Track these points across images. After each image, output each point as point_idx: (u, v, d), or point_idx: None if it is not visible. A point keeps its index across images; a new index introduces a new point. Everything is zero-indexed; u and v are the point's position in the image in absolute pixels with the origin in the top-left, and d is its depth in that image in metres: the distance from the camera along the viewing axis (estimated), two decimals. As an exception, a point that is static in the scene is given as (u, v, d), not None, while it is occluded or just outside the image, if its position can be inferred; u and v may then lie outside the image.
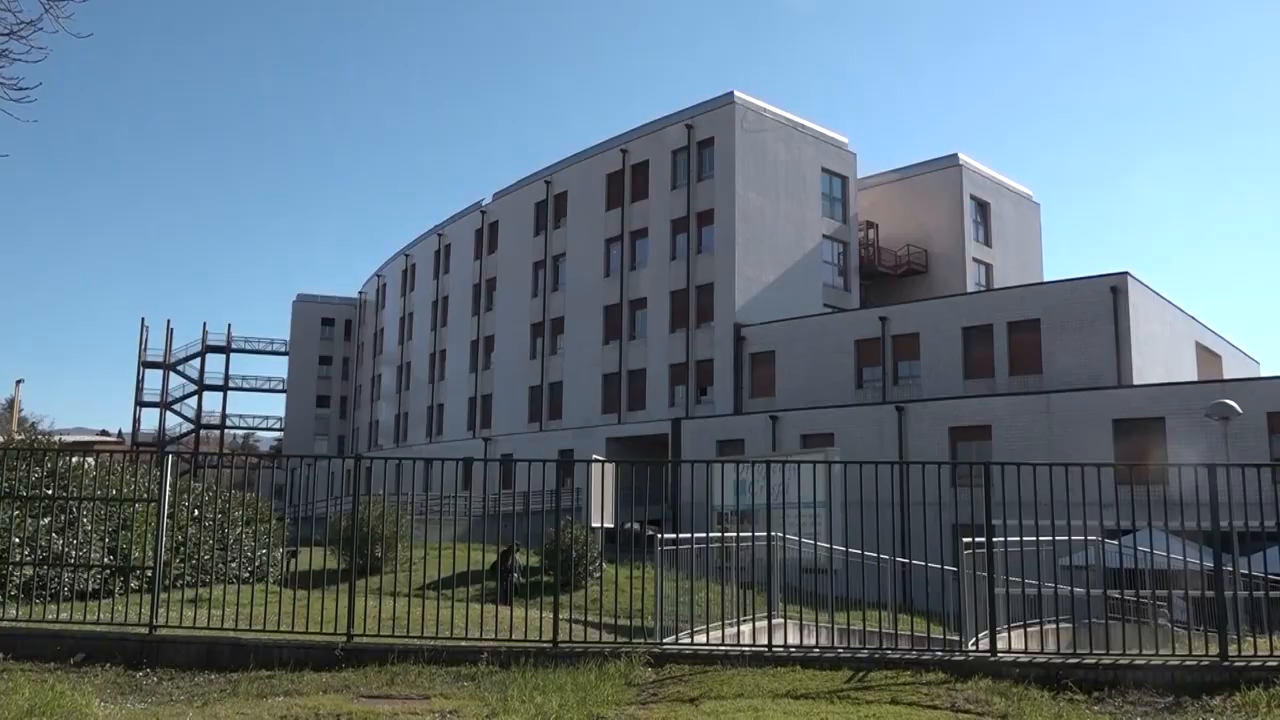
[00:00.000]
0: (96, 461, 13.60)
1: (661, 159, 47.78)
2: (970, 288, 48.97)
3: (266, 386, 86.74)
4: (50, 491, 11.93)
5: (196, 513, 14.30)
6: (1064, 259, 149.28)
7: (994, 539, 9.68)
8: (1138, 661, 9.15)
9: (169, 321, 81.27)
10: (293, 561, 16.81)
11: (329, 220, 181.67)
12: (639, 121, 54.09)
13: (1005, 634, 11.30)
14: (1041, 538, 10.05)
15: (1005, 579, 10.95)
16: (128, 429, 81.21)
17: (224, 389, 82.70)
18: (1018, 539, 10.14)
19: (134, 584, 12.82)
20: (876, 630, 14.03)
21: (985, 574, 9.82)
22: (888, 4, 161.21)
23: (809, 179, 47.11)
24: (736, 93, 45.26)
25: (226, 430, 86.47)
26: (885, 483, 10.15)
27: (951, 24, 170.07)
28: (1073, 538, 10.31)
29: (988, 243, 52.26)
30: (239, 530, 15.38)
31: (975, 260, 51.15)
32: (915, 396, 36.68)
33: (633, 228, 48.73)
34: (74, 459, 12.99)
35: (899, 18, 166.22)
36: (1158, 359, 35.74)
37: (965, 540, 10.53)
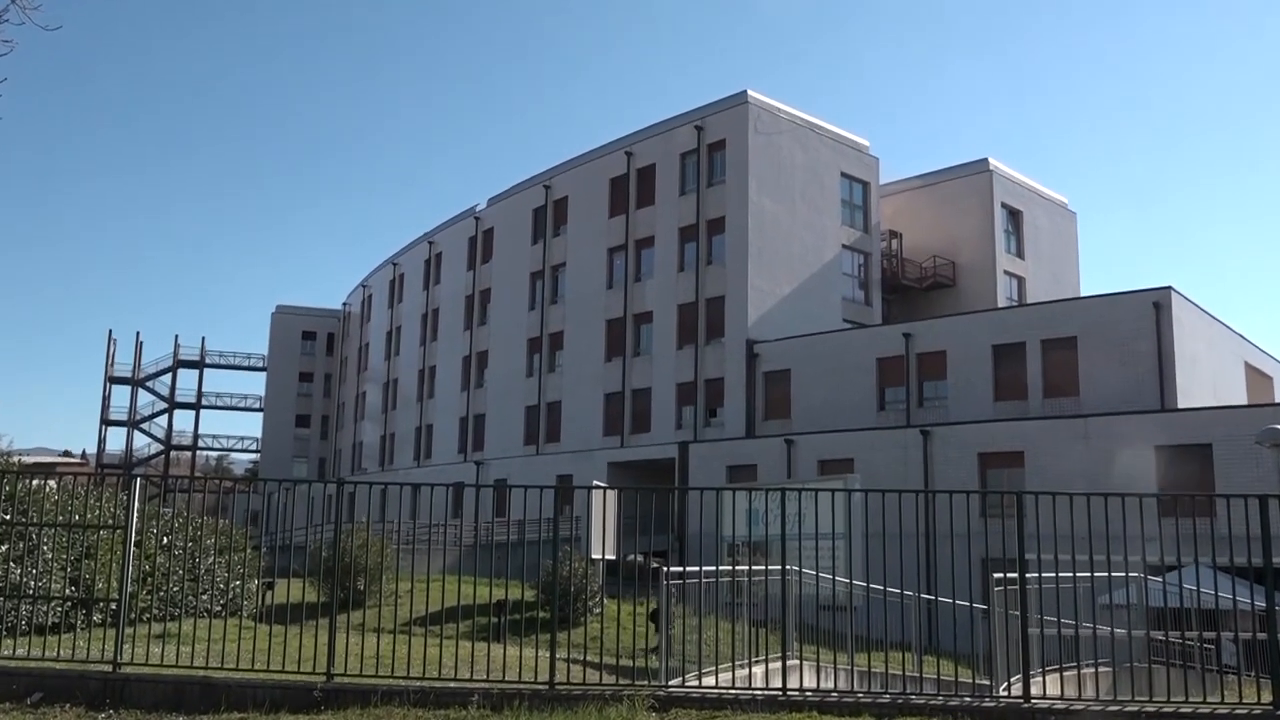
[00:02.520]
0: (59, 485, 13.59)
1: (669, 162, 47.91)
2: (1001, 302, 48.95)
3: (242, 405, 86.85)
4: (8, 517, 11.92)
5: (165, 541, 14.29)
6: (1102, 272, 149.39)
7: (1027, 574, 9.63)
8: (1183, 709, 9.08)
9: (138, 334, 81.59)
10: (269, 594, 16.78)
11: (311, 227, 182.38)
12: (645, 123, 54.24)
13: (1039, 679, 11.22)
14: (1079, 574, 10.00)
15: (1040, 618, 10.89)
16: (92, 449, 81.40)
17: (196, 407, 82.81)
18: (1053, 575, 10.08)
19: (97, 617, 12.79)
20: (900, 673, 13.95)
21: (1018, 613, 9.77)
22: (910, 1, 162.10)
23: (827, 185, 47.20)
24: (750, 92, 45.44)
25: (199, 451, 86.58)
26: (910, 513, 10.11)
27: (980, 22, 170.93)
28: (1113, 574, 10.25)
29: (1020, 254, 52.26)
30: (211, 560, 15.36)
31: (1007, 273, 51.14)
32: (942, 419, 36.58)
33: (638, 236, 48.82)
34: (34, 482, 12.99)
35: (922, 16, 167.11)
36: (1204, 380, 35.64)
37: (996, 576, 10.47)
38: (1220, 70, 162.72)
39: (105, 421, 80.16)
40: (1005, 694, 10.18)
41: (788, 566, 10.82)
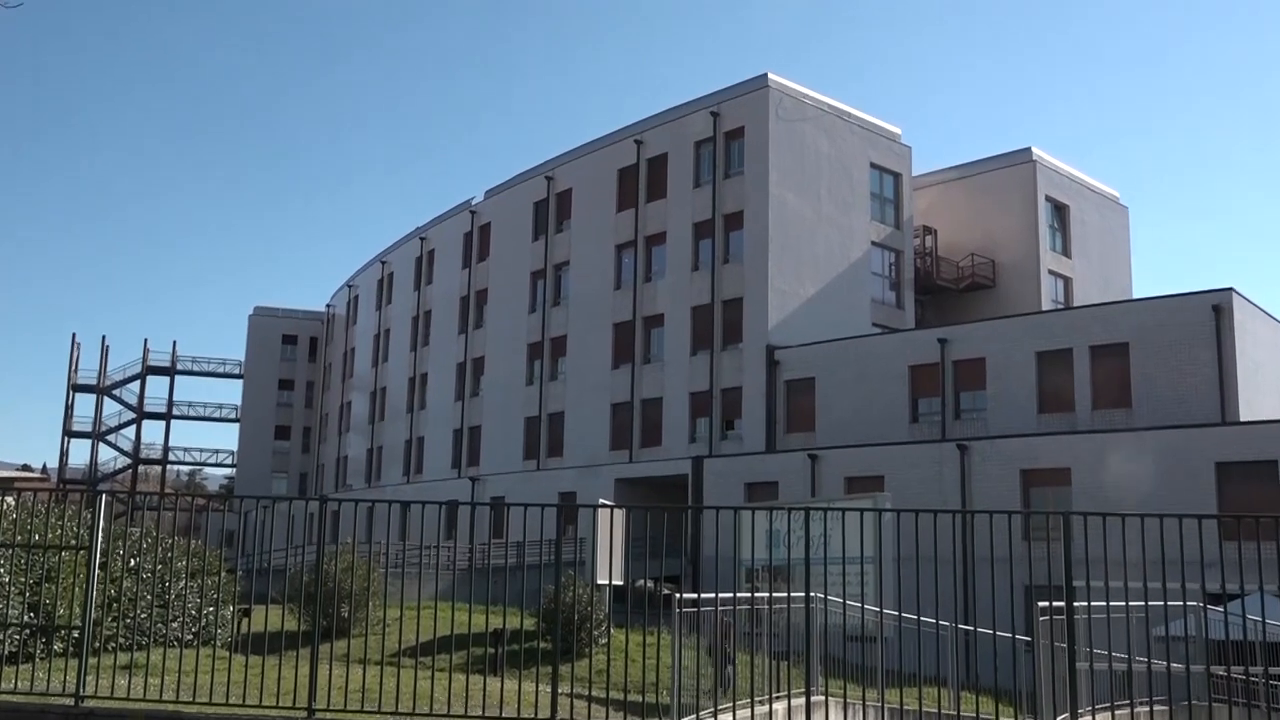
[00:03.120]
0: (17, 502, 13.63)
1: (682, 152, 47.97)
2: (1046, 305, 48.87)
3: (217, 415, 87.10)
4: (-37, 536, 11.95)
5: (133, 563, 14.31)
6: (1157, 272, 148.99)
7: (1075, 603, 9.60)
8: (1247, 752, 9.02)
9: (104, 338, 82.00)
10: (245, 622, 16.81)
11: (292, 223, 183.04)
12: (656, 110, 54.32)
13: (1089, 717, 11.18)
14: (1132, 603, 9.96)
15: (1089, 652, 10.84)
16: (54, 463, 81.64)
17: (167, 417, 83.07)
18: (1103, 604, 10.04)
19: (58, 647, 12.82)
20: (935, 711, 13.89)
21: (1065, 645, 9.73)
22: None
23: (856, 176, 47.20)
24: (770, 75, 45.50)
25: (169, 466, 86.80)
26: (946, 535, 10.10)
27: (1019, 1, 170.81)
28: (1169, 603, 10.21)
29: (1066, 252, 52.17)
30: (182, 584, 15.38)
31: (1052, 273, 51.06)
32: (981, 433, 36.53)
33: (648, 232, 48.88)
34: (-9, 498, 13.01)
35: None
36: (1269, 391, 35.49)
37: (1041, 605, 10.43)
38: (1275, 51, 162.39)
39: (68, 433, 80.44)
40: (1051, 734, 10.13)
41: (811, 593, 10.80)
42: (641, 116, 51.76)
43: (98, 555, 10.45)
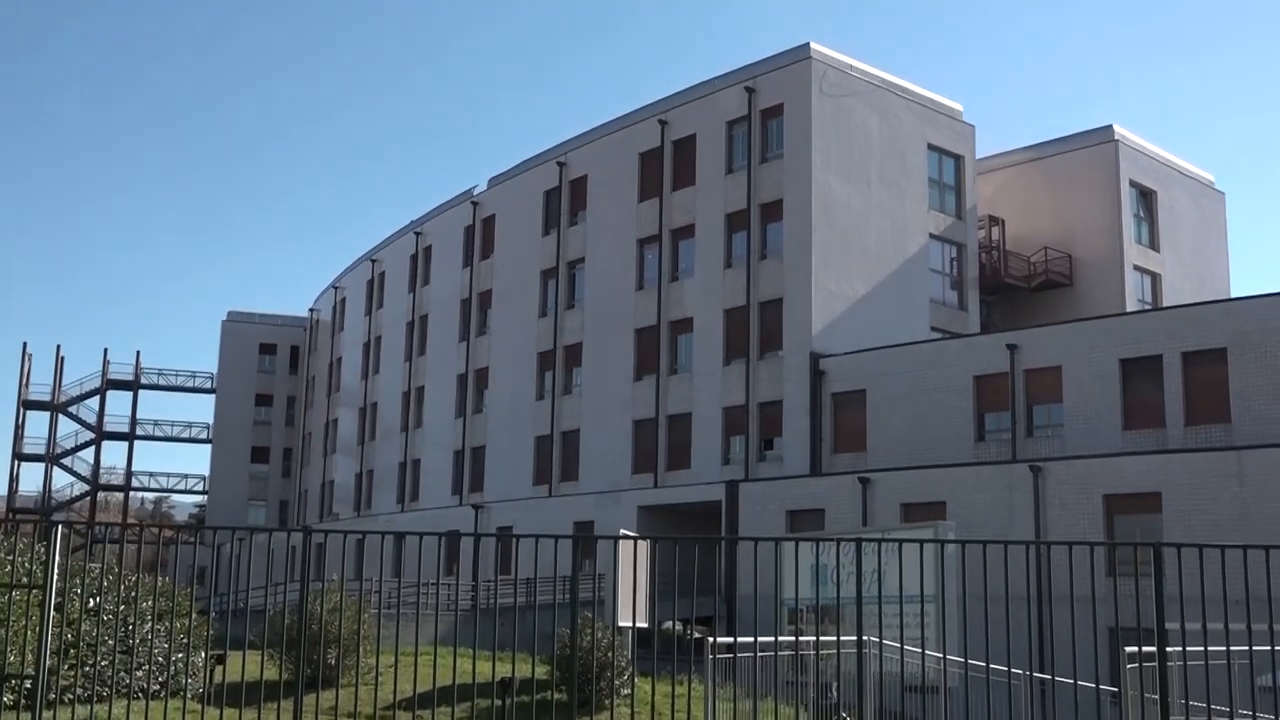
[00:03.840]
0: (-38, 534, 13.73)
1: (713, 133, 48.00)
2: (1131, 306, 48.60)
3: (186, 434, 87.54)
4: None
5: (92, 603, 14.39)
6: (1258, 267, 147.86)
7: (1167, 648, 9.52)
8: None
9: (59, 348, 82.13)
10: (218, 670, 16.85)
11: (269, 219, 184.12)
12: (681, 86, 54.36)
13: (1184, 779, 11.07)
14: (1233, 647, 9.86)
15: (1183, 704, 10.74)
16: (2, 490, 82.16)
17: (130, 437, 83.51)
18: (1200, 648, 9.95)
19: (8, 698, 12.88)
20: (1006, 772, 13.81)
21: (1156, 697, 9.65)
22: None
23: (911, 159, 47.09)
24: (814, 45, 45.47)
25: (132, 492, 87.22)
26: (1017, 569, 10.03)
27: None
28: (1276, 647, 10.10)
29: (1154, 245, 51.87)
30: (148, 627, 15.45)
31: (1137, 268, 50.79)
32: (1056, 453, 36.30)
33: (674, 224, 48.90)
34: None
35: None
36: (1390, 403, 35.09)
37: (1128, 650, 10.35)
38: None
39: (18, 455, 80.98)
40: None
41: (864, 637, 10.75)
42: (666, 93, 51.85)
43: (53, 595, 10.50)
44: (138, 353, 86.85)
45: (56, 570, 10.58)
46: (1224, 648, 9.89)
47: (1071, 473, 33.74)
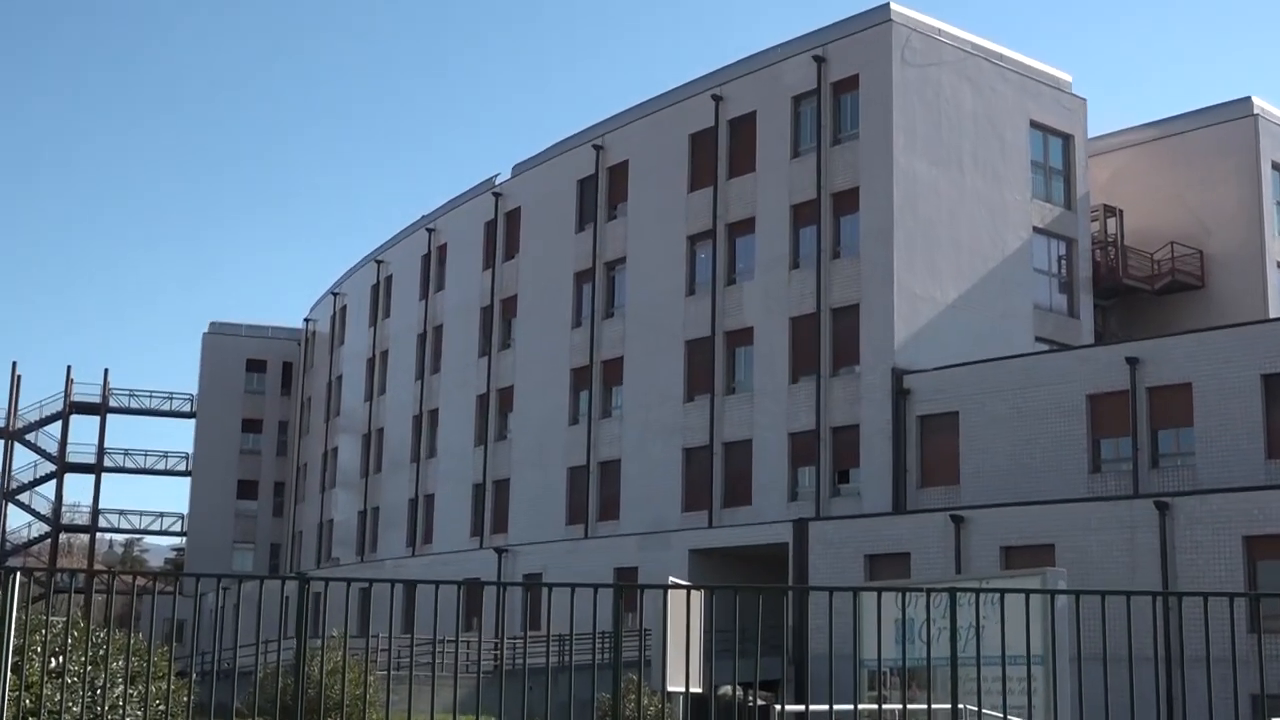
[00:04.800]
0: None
1: (775, 110, 47.96)
2: (1275, 311, 48.13)
3: (161, 466, 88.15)
4: None
5: (54, 663, 14.49)
6: None
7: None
8: None
9: (14, 366, 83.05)
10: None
11: (258, 218, 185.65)
12: (740, 55, 54.35)
13: None
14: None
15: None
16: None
17: (97, 470, 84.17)
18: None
19: (-41, 773, 12.99)
20: None
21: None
22: None
23: (1011, 139, 46.85)
24: (894, 5, 45.37)
25: (99, 534, 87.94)
26: (1142, 624, 9.93)
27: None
28: None
29: (1303, 238, 51.33)
30: (118, 692, 15.55)
31: (1282, 266, 50.31)
32: (1187, 486, 35.96)
33: (731, 218, 48.86)
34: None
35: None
36: None
37: (1276, 721, 10.24)
38: None
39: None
40: None
41: (959, 705, 10.67)
42: (721, 64, 51.86)
43: (9, 654, 10.57)
44: (105, 371, 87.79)
45: (13, 625, 10.65)
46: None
47: (1205, 510, 33.40)
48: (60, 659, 14.48)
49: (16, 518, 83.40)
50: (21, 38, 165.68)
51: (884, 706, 11.44)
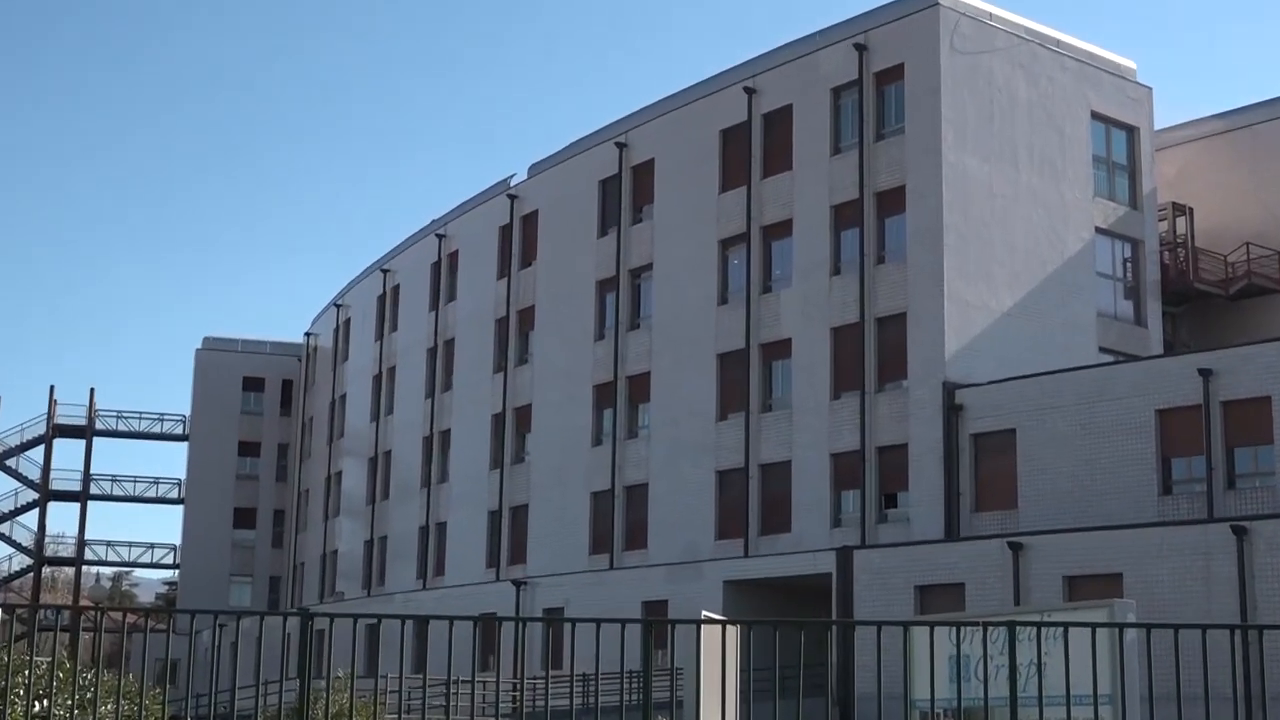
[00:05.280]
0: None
1: (813, 103, 47.97)
2: (1361, 317, 47.89)
3: (152, 493, 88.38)
4: None
5: (38, 706, 14.58)
6: None
7: None
8: None
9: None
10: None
11: (256, 228, 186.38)
12: (774, 45, 54.40)
13: None
14: None
15: None
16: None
17: (82, 498, 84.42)
18: None
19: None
20: None
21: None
22: None
23: (1070, 132, 46.76)
24: (943, -12, 45.39)
25: (86, 567, 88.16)
26: (1219, 660, 9.89)
27: None
28: None
29: (1391, 238, 51.11)
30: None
31: (1369, 268, 50.09)
32: (1266, 508, 35.86)
33: (766, 220, 48.88)
34: None
35: None
36: None
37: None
38: None
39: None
40: None
41: (1021, 749, 10.63)
42: (754, 54, 51.88)
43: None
44: (91, 390, 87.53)
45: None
46: None
47: (1287, 534, 33.30)
48: (45, 703, 14.56)
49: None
50: (19, 39, 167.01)
51: (938, 751, 11.45)
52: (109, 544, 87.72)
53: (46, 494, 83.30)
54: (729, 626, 12.36)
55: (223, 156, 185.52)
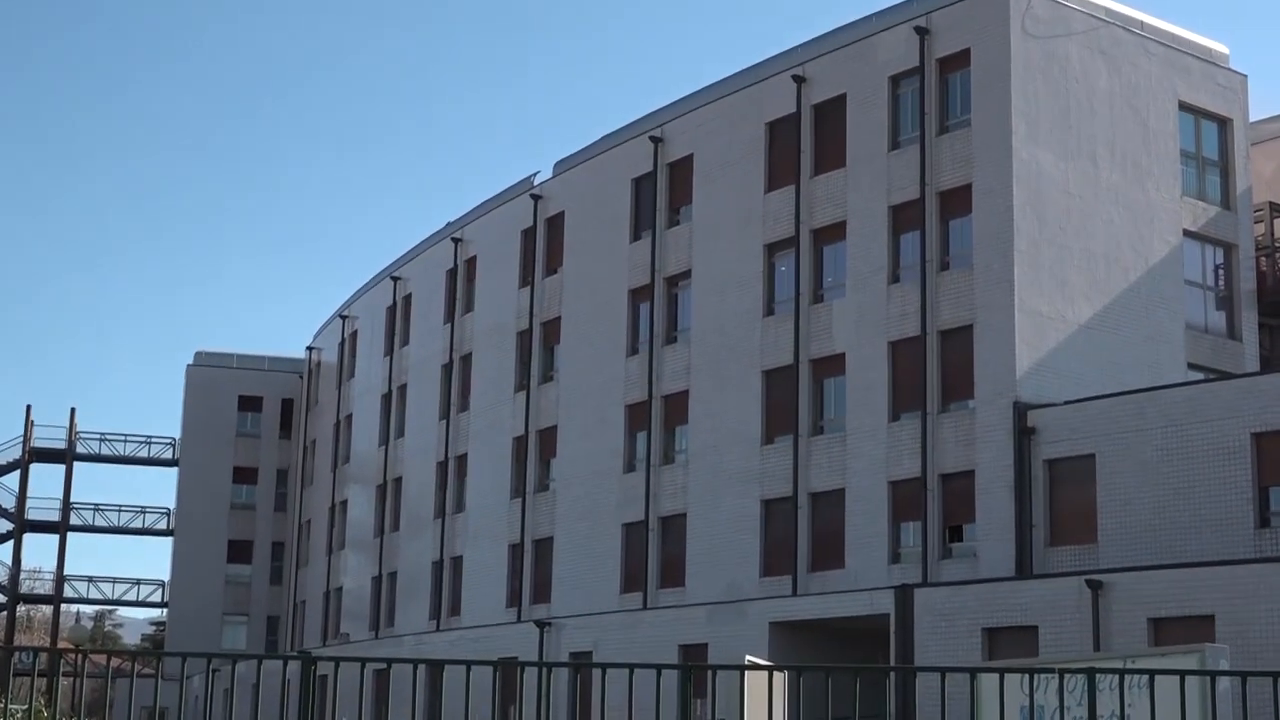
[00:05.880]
0: None
1: (869, 93, 47.99)
2: None
3: (138, 524, 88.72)
4: None
5: (16, 759, 14.68)
6: None
7: None
8: None
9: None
10: None
11: (253, 236, 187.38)
12: (824, 30, 54.39)
13: None
14: None
15: None
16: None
17: (62, 529, 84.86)
18: None
19: None
20: None
21: None
22: None
23: (1155, 125, 46.66)
24: (1012, -35, 45.40)
25: (65, 605, 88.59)
26: (1325, 713, 9.84)
27: None
28: None
29: None
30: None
31: None
32: (1376, 543, 35.66)
33: (816, 223, 48.88)
34: None
35: None
36: None
37: None
38: None
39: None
40: None
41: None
42: (803, 39, 51.94)
43: (-37, 746, 10.74)
44: (72, 410, 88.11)
45: (-32, 713, 10.81)
46: None
47: (1399, 573, 33.17)
48: (22, 754, 14.66)
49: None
50: (14, 41, 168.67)
51: (1009, 812, 11.43)
52: (91, 580, 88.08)
53: (22, 524, 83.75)
54: (776, 673, 12.35)
55: (220, 154, 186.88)
